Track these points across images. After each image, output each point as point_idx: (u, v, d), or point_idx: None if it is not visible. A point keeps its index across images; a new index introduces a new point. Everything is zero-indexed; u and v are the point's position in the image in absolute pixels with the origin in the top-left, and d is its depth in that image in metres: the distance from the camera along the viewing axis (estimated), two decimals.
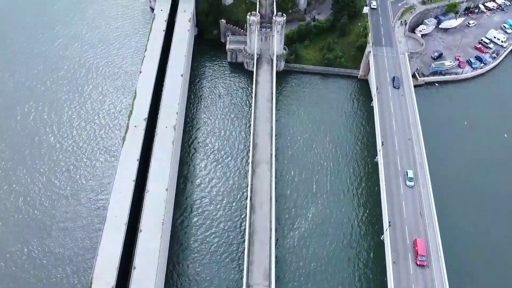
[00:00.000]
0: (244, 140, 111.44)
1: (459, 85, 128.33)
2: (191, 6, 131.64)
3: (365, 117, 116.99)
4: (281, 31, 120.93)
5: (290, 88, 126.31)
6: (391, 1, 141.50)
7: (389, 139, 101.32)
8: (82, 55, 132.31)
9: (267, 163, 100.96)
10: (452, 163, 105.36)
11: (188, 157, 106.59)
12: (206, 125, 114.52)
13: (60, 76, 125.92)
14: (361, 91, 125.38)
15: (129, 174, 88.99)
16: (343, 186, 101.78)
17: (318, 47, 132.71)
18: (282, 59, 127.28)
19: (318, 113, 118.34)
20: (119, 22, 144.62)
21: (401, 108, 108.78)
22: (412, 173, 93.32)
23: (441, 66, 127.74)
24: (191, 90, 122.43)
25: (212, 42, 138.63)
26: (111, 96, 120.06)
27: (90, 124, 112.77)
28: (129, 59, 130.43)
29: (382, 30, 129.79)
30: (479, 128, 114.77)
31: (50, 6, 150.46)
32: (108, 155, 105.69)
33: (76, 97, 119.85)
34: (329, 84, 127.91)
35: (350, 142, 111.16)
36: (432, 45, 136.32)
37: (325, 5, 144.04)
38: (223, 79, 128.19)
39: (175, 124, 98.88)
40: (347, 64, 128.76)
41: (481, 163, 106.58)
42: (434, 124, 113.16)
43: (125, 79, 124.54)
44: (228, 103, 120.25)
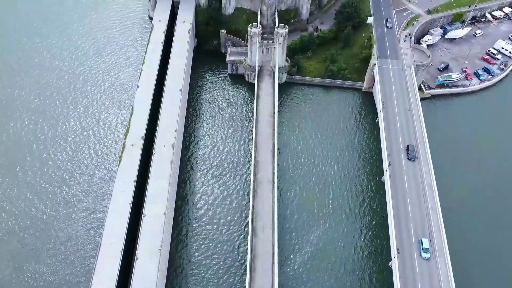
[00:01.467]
0: (245, 156, 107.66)
1: (467, 97, 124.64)
2: (190, 17, 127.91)
3: (370, 132, 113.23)
4: (283, 43, 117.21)
5: (292, 101, 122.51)
6: (396, 11, 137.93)
7: (396, 158, 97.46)
8: (78, 66, 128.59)
9: (269, 183, 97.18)
10: (461, 182, 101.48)
11: (187, 176, 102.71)
12: (205, 141, 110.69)
13: (53, 88, 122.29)
14: (365, 104, 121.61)
15: (126, 197, 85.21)
16: (347, 207, 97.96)
17: (321, 58, 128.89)
18: (284, 71, 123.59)
19: (321, 128, 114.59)
20: (116, 31, 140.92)
21: (407, 123, 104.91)
22: None
23: (448, 79, 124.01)
24: (190, 104, 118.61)
25: (212, 53, 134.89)
26: (107, 110, 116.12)
27: (85, 140, 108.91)
28: (127, 71, 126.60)
29: (387, 41, 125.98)
30: (487, 143, 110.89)
31: (46, 14, 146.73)
32: (103, 174, 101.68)
33: (70, 111, 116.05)
34: (332, 96, 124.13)
35: (354, 159, 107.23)
36: (438, 56, 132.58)
37: (328, 14, 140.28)
38: (224, 91, 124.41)
39: (174, 143, 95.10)
40: (351, 76, 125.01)
41: (491, 180, 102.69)
42: (441, 140, 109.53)
43: (122, 92, 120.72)
44: (228, 118, 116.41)
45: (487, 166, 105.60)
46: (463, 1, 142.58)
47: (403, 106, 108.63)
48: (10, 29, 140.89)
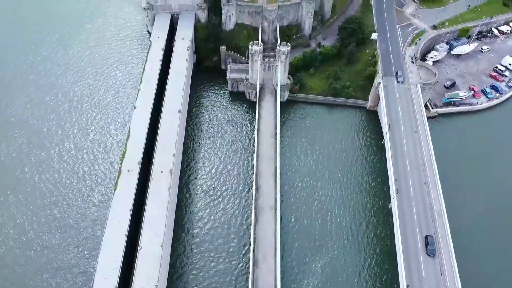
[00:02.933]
0: (246, 180, 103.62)
1: (474, 116, 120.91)
2: (189, 33, 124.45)
3: (375, 154, 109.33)
4: (285, 61, 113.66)
5: (294, 120, 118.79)
6: (401, 26, 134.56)
7: (403, 183, 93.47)
8: (73, 83, 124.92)
9: (270, 209, 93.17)
10: (471, 206, 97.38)
11: (186, 202, 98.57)
12: (204, 164, 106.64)
13: (48, 106, 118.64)
14: (370, 123, 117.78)
15: (121, 228, 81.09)
16: (350, 234, 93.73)
17: (324, 76, 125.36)
18: (286, 89, 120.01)
19: (323, 148, 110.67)
20: (114, 46, 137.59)
21: (414, 146, 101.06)
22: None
23: (455, 97, 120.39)
24: (189, 124, 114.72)
25: (212, 69, 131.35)
26: (104, 131, 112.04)
27: (79, 163, 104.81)
28: (124, 90, 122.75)
29: (392, 58, 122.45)
30: (498, 164, 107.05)
31: (41, 28, 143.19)
32: (98, 200, 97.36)
33: (64, 132, 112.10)
34: (335, 115, 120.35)
35: (359, 182, 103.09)
36: (444, 72, 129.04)
37: (330, 29, 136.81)
38: (224, 110, 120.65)
39: (172, 168, 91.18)
40: (354, 94, 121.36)
41: (503, 203, 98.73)
42: (449, 161, 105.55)
43: (118, 112, 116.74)
44: (228, 139, 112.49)
45: (497, 189, 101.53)
46: (468, 16, 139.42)
47: (409, 127, 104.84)
48: (5, 44, 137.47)
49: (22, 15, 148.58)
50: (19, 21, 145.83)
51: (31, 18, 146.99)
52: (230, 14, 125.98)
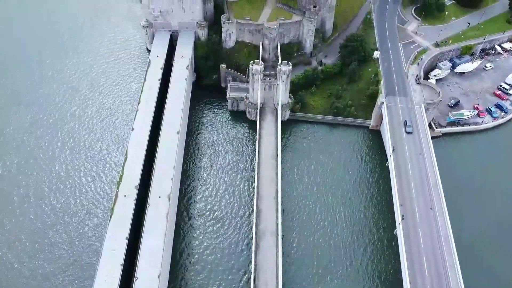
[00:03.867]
0: (246, 204, 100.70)
1: (479, 136, 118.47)
2: (189, 51, 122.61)
3: (379, 175, 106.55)
4: (286, 80, 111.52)
5: (296, 140, 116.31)
6: (403, 43, 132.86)
7: (409, 208, 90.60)
8: (70, 102, 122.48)
9: (272, 234, 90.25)
10: (479, 232, 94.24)
11: (184, 227, 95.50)
12: (204, 187, 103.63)
13: (41, 126, 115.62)
14: (373, 144, 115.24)
15: (117, 257, 77.99)
16: (354, 260, 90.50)
17: (326, 94, 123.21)
18: (287, 109, 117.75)
19: (325, 170, 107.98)
20: (112, 64, 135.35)
21: (419, 169, 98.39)
22: None
23: (460, 117, 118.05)
24: (189, 145, 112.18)
25: (212, 87, 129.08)
26: (100, 154, 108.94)
27: (74, 187, 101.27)
28: (121, 110, 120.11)
29: (395, 76, 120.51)
30: (503, 185, 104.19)
31: (38, 43, 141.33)
32: (93, 227, 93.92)
33: (59, 152, 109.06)
34: (338, 135, 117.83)
35: (362, 206, 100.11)
36: (448, 91, 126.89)
37: (332, 47, 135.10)
38: (224, 130, 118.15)
39: (170, 193, 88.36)
40: (357, 114, 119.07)
41: (510, 226, 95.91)
42: (455, 183, 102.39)
43: (116, 133, 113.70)
44: (229, 161, 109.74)
45: (506, 212, 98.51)
46: (471, 34, 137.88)
47: (414, 149, 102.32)
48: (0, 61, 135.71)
49: (18, 31, 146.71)
50: (14, 38, 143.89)
51: (27, 35, 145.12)
52: (230, 32, 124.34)
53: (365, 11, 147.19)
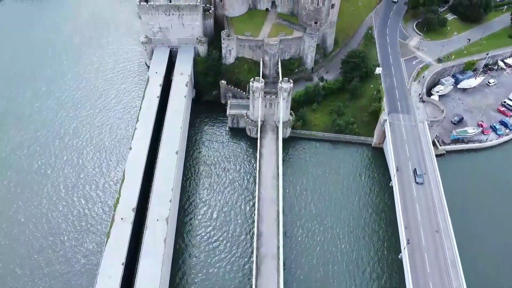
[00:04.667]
0: (247, 226, 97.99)
1: (484, 153, 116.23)
2: (188, 67, 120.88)
3: (382, 195, 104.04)
4: (287, 98, 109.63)
5: (297, 158, 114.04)
6: (405, 59, 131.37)
7: (414, 231, 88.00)
8: (65, 119, 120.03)
9: (273, 258, 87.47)
10: (487, 255, 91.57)
11: (182, 250, 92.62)
12: (203, 208, 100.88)
13: (36, 143, 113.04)
14: (376, 162, 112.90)
15: (113, 284, 75.13)
16: (357, 285, 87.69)
17: (328, 111, 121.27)
18: (288, 126, 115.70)
19: (327, 189, 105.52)
20: (110, 79, 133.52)
21: (424, 189, 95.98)
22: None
23: (464, 134, 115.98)
24: (188, 163, 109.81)
25: (212, 103, 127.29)
26: (96, 173, 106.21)
27: (69, 208, 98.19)
28: (119, 128, 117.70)
29: (397, 93, 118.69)
30: (510, 204, 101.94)
31: (37, 60, 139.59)
32: (87, 251, 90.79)
33: (54, 171, 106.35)
34: (340, 153, 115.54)
35: (365, 227, 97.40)
36: (451, 107, 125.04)
37: (333, 62, 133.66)
38: (224, 147, 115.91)
39: (168, 216, 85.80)
40: (359, 131, 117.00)
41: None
42: (461, 203, 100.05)
43: (113, 153, 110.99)
44: (229, 179, 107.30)
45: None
46: (473, 49, 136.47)
47: (418, 168, 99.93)
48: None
49: (15, 46, 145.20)
50: (11, 53, 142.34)
51: (25, 50, 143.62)
52: (230, 48, 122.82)
53: (366, 26, 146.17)
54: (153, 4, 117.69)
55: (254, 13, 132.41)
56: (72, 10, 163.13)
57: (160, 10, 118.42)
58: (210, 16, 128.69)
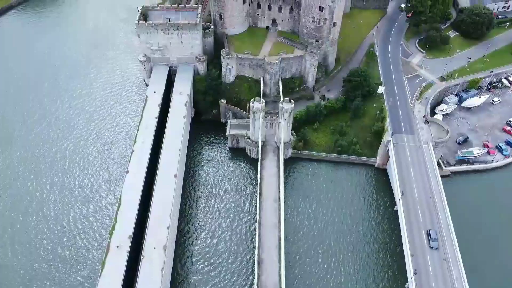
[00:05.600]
0: (247, 253, 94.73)
1: (490, 174, 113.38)
2: (188, 87, 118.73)
3: (387, 219, 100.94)
4: (288, 119, 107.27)
5: (298, 179, 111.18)
6: (407, 77, 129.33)
7: (421, 259, 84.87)
8: (60, 139, 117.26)
9: (274, 287, 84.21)
10: (497, 283, 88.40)
11: (181, 278, 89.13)
12: (202, 234, 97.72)
13: (28, 163, 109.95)
14: (379, 183, 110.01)
15: None
16: None
17: (330, 131, 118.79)
18: (289, 147, 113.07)
19: (329, 213, 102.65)
20: (108, 97, 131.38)
21: (430, 214, 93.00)
22: None
23: (469, 155, 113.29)
24: (186, 186, 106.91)
25: (211, 123, 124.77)
26: (91, 197, 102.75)
27: (61, 235, 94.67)
28: (117, 150, 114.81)
29: (401, 113, 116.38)
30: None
31: (34, 77, 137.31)
32: (81, 282, 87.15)
33: (45, 194, 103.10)
34: (342, 174, 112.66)
35: (369, 253, 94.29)
36: (455, 126, 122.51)
37: (335, 81, 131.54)
38: (223, 169, 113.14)
39: (166, 244, 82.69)
40: (362, 151, 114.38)
41: None
42: (469, 229, 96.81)
43: (110, 176, 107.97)
44: (229, 203, 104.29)
45: None
46: (477, 66, 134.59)
47: (423, 192, 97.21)
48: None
49: (13, 62, 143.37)
50: (8, 70, 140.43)
51: (22, 65, 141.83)
52: (231, 67, 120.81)
53: (368, 43, 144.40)
54: (152, 23, 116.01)
55: (254, 31, 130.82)
56: (71, 27, 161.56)
57: (159, 29, 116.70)
58: (210, 34, 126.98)
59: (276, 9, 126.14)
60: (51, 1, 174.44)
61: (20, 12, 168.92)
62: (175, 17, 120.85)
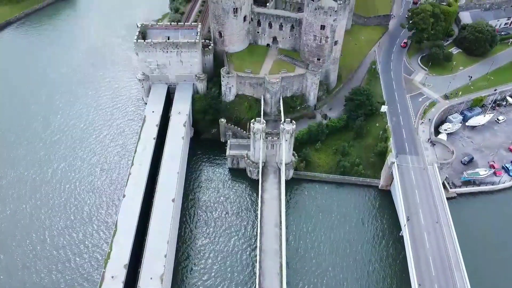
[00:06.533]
0: (248, 280, 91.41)
1: (497, 196, 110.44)
2: (187, 106, 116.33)
3: (392, 244, 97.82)
4: (289, 140, 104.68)
5: (300, 201, 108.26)
6: (410, 96, 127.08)
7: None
8: (54, 160, 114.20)
9: None
10: None
11: None
12: (201, 261, 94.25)
13: (22, 186, 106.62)
14: (383, 205, 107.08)
15: None
16: None
17: (332, 151, 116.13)
18: (291, 168, 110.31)
19: (332, 236, 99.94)
20: (105, 115, 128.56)
21: (437, 241, 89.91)
22: None
23: (475, 176, 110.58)
24: (185, 209, 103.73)
25: (211, 142, 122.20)
26: (85, 222, 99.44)
27: (53, 264, 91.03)
28: (113, 170, 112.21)
29: (404, 133, 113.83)
30: None
31: (30, 94, 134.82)
32: None
33: (38, 218, 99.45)
34: (345, 195, 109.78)
35: (374, 280, 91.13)
36: (460, 146, 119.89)
37: (336, 99, 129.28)
38: (223, 191, 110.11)
39: (163, 274, 79.39)
40: (365, 172, 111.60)
41: None
42: (477, 255, 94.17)
43: (105, 200, 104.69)
44: (228, 228, 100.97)
45: None
46: (480, 84, 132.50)
47: (430, 217, 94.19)
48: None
49: (9, 81, 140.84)
50: (4, 87, 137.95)
51: (19, 83, 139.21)
52: (230, 86, 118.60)
53: (370, 60, 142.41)
54: (151, 42, 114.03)
55: (254, 49, 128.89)
56: (69, 43, 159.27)
57: (157, 47, 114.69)
58: (209, 52, 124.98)
59: (276, 27, 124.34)
60: (49, 18, 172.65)
61: (18, 29, 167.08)
62: (174, 35, 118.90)
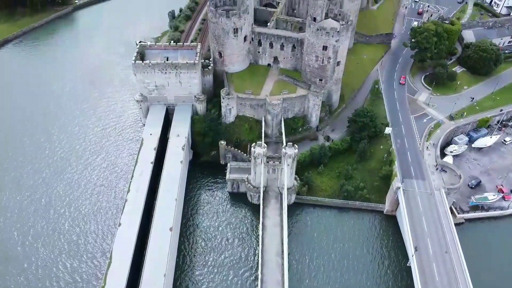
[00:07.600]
0: None
1: (507, 221, 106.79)
2: (186, 128, 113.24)
3: (397, 274, 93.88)
4: (292, 164, 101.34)
5: (303, 229, 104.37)
6: (415, 116, 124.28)
7: None
8: (46, 183, 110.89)
9: None
10: None
11: None
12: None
13: (11, 210, 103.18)
14: (388, 232, 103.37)
15: None
16: None
17: (335, 174, 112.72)
18: (293, 192, 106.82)
19: (336, 266, 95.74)
20: (102, 136, 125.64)
21: (447, 272, 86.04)
22: None
23: (483, 201, 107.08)
24: (183, 235, 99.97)
25: (210, 165, 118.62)
26: (77, 252, 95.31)
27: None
28: (109, 195, 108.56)
29: (410, 156, 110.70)
30: None
31: (27, 113, 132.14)
32: None
33: (28, 246, 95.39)
34: (349, 221, 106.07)
35: None
36: (467, 168, 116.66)
37: (339, 120, 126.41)
38: (223, 216, 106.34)
39: None
40: (369, 197, 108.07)
41: None
42: (487, 283, 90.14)
43: (99, 226, 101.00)
44: (228, 257, 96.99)
45: None
46: (486, 104, 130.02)
47: (438, 246, 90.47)
48: None
49: (5, 99, 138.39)
50: (1, 107, 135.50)
51: (16, 101, 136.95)
52: (231, 107, 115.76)
53: (372, 79, 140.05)
54: (149, 63, 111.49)
55: (255, 69, 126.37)
56: (67, 62, 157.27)
57: (156, 68, 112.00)
58: (209, 72, 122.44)
59: (278, 47, 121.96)
60: (47, 35, 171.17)
61: (16, 47, 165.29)
62: (173, 56, 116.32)
